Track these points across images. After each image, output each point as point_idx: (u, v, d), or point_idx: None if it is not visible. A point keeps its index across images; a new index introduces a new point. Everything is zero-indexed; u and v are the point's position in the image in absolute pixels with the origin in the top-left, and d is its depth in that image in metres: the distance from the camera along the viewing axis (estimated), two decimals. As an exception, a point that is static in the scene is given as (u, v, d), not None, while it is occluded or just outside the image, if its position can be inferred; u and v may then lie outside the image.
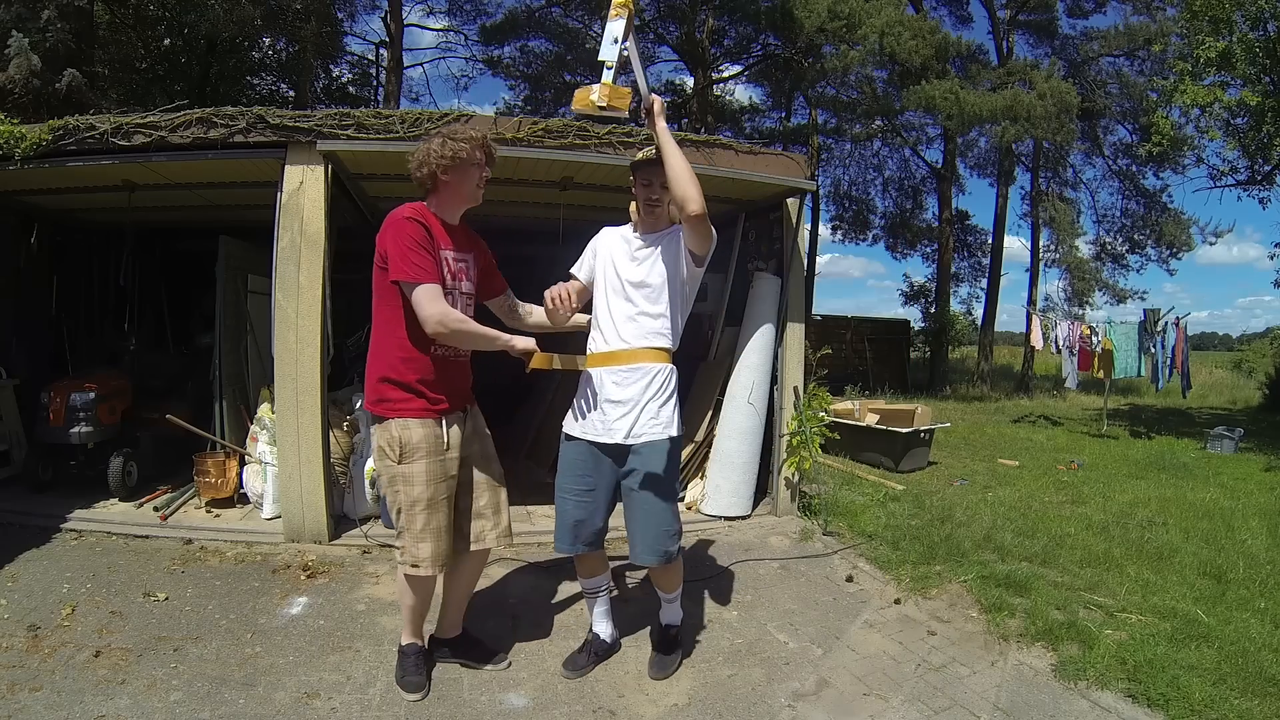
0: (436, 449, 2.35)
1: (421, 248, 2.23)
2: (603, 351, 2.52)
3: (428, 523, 2.35)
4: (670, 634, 2.76)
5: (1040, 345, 10.73)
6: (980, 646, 2.95)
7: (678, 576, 2.70)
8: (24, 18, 7.91)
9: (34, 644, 2.65)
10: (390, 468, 2.34)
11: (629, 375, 2.46)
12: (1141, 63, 15.99)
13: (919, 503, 5.09)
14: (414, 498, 2.33)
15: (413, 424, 2.32)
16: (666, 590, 2.72)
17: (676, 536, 2.55)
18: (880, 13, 13.45)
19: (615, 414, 2.46)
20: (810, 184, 4.75)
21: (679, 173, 2.27)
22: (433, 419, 2.36)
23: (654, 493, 2.47)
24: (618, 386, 2.47)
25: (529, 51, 19.28)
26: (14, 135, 3.81)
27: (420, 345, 2.31)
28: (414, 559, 2.36)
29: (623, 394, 2.46)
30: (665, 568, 2.59)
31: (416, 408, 2.33)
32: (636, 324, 2.48)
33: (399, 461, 2.32)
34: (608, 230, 2.69)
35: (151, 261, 6.36)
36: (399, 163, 4.36)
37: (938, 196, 18.47)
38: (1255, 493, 5.82)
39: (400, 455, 2.31)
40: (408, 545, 2.38)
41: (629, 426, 2.45)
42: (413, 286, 2.22)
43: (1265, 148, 10.03)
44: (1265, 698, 2.45)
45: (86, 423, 4.33)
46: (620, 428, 2.46)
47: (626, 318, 2.49)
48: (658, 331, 2.49)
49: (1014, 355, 21.35)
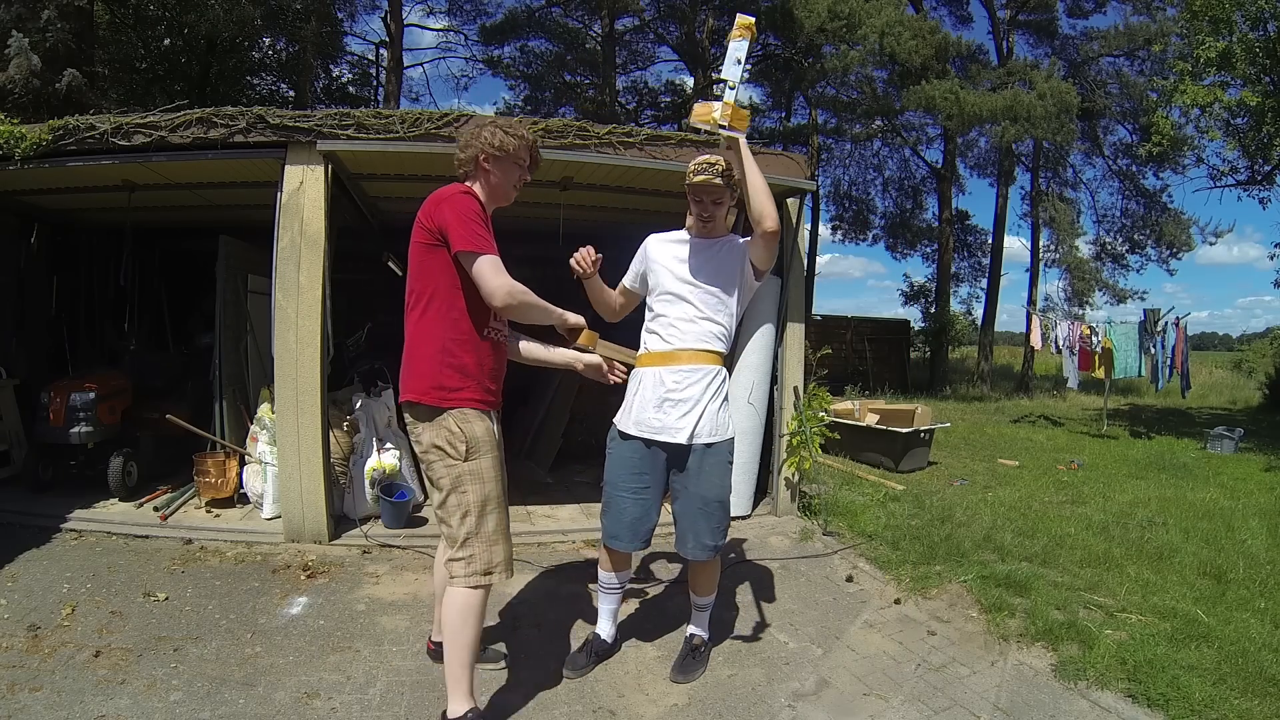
0: (495, 443, 2.23)
1: (482, 220, 2.15)
2: (661, 351, 2.55)
3: (500, 522, 2.19)
4: (695, 644, 2.77)
5: (1040, 345, 10.73)
6: (980, 646, 2.95)
7: (716, 575, 2.76)
8: (24, 18, 7.91)
9: (34, 644, 2.65)
10: (454, 466, 2.14)
11: (689, 376, 2.50)
12: (1141, 63, 16.01)
13: (919, 503, 5.09)
14: (485, 495, 2.16)
15: (471, 415, 2.16)
16: (702, 593, 2.75)
17: (725, 532, 2.65)
18: (880, 13, 13.45)
19: (676, 414, 2.49)
20: (810, 184, 4.75)
21: (758, 190, 2.35)
22: (487, 412, 2.22)
23: (712, 493, 2.53)
24: (678, 387, 2.49)
25: (529, 51, 19.33)
26: (14, 135, 3.81)
27: (477, 326, 2.18)
28: (486, 566, 2.14)
29: (683, 394, 2.49)
30: (708, 565, 2.67)
31: (474, 397, 2.17)
32: (696, 326, 2.53)
33: (465, 458, 2.13)
34: (655, 238, 2.72)
35: (151, 261, 6.37)
36: (399, 163, 4.41)
37: (938, 196, 18.48)
38: (1255, 493, 5.82)
39: (467, 451, 2.13)
40: (477, 552, 2.13)
41: (691, 427, 2.48)
42: (476, 257, 2.08)
43: (1265, 148, 10.04)
44: (1265, 698, 2.45)
45: (86, 423, 4.33)
46: (683, 427, 2.48)
47: (687, 320, 2.53)
48: (715, 335, 2.54)
49: (1014, 355, 21.36)
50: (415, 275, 2.21)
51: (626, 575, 2.79)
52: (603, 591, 2.79)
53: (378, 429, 4.55)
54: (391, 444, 4.51)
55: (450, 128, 3.97)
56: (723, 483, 2.56)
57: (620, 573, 2.74)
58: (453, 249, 2.10)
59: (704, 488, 2.52)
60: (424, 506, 4.64)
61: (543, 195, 5.21)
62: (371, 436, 4.47)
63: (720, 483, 2.55)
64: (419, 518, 4.43)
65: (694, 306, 2.54)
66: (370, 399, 4.65)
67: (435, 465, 2.16)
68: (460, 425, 2.14)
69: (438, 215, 2.12)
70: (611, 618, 2.81)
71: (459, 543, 2.14)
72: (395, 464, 4.36)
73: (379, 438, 4.50)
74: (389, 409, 4.72)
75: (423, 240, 2.17)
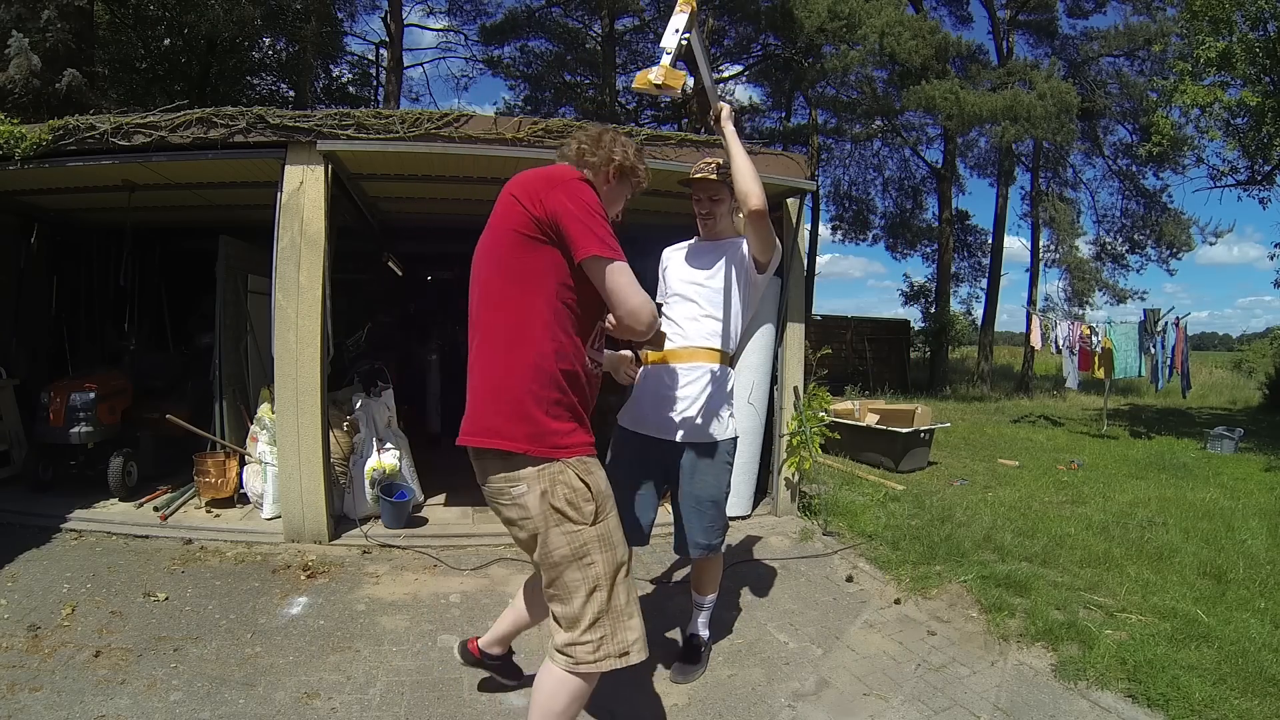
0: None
1: (605, 218, 1.70)
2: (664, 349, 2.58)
3: (631, 591, 1.76)
4: (695, 644, 2.78)
5: (1040, 345, 10.74)
6: (980, 646, 2.95)
7: (718, 574, 2.77)
8: (24, 18, 7.91)
9: (34, 644, 2.65)
10: (579, 532, 1.69)
11: (688, 374, 2.51)
12: (1141, 63, 16.00)
13: (919, 503, 5.09)
14: (617, 563, 1.73)
15: (592, 464, 1.75)
16: (703, 591, 2.76)
17: (722, 531, 2.65)
18: (880, 13, 13.45)
19: (672, 412, 2.50)
20: (810, 184, 4.75)
21: (742, 171, 2.36)
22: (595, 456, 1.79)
23: (705, 492, 2.53)
24: (676, 385, 2.51)
25: (529, 51, 19.35)
26: (14, 135, 3.81)
27: (579, 352, 1.74)
28: (622, 647, 1.70)
29: (680, 392, 2.50)
30: (708, 562, 2.68)
31: (588, 440, 1.75)
32: (698, 324, 2.55)
33: (594, 521, 1.70)
34: (668, 248, 2.80)
35: (151, 261, 6.37)
36: (399, 163, 4.41)
37: (938, 196, 18.48)
38: (1255, 493, 5.82)
39: (596, 511, 1.71)
40: (611, 633, 1.70)
41: (686, 425, 2.50)
42: (609, 264, 1.65)
43: (1265, 148, 10.04)
44: (1265, 698, 2.45)
45: (86, 423, 4.33)
46: (677, 425, 2.50)
47: (689, 318, 2.56)
48: (716, 333, 2.56)
49: (1014, 355, 21.35)
50: (499, 276, 1.70)
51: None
52: None
53: (378, 429, 4.55)
54: (391, 444, 4.51)
55: (450, 128, 3.97)
56: (718, 482, 2.55)
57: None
58: (578, 251, 1.65)
59: (697, 487, 2.52)
60: (424, 506, 4.65)
61: (543, 195, 5.21)
62: (371, 436, 4.47)
63: (715, 482, 2.54)
64: (419, 518, 4.43)
65: (696, 305, 2.56)
66: (370, 399, 4.64)
67: (551, 533, 1.68)
68: (584, 478, 1.70)
69: (551, 202, 1.65)
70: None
71: (585, 624, 1.69)
72: (395, 464, 4.36)
73: (379, 438, 4.50)
74: (389, 409, 4.72)
75: (520, 229, 1.67)
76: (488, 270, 1.74)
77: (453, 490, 5.07)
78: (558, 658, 1.71)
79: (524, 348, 1.67)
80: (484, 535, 4.17)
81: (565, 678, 1.70)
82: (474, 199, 5.48)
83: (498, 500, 1.75)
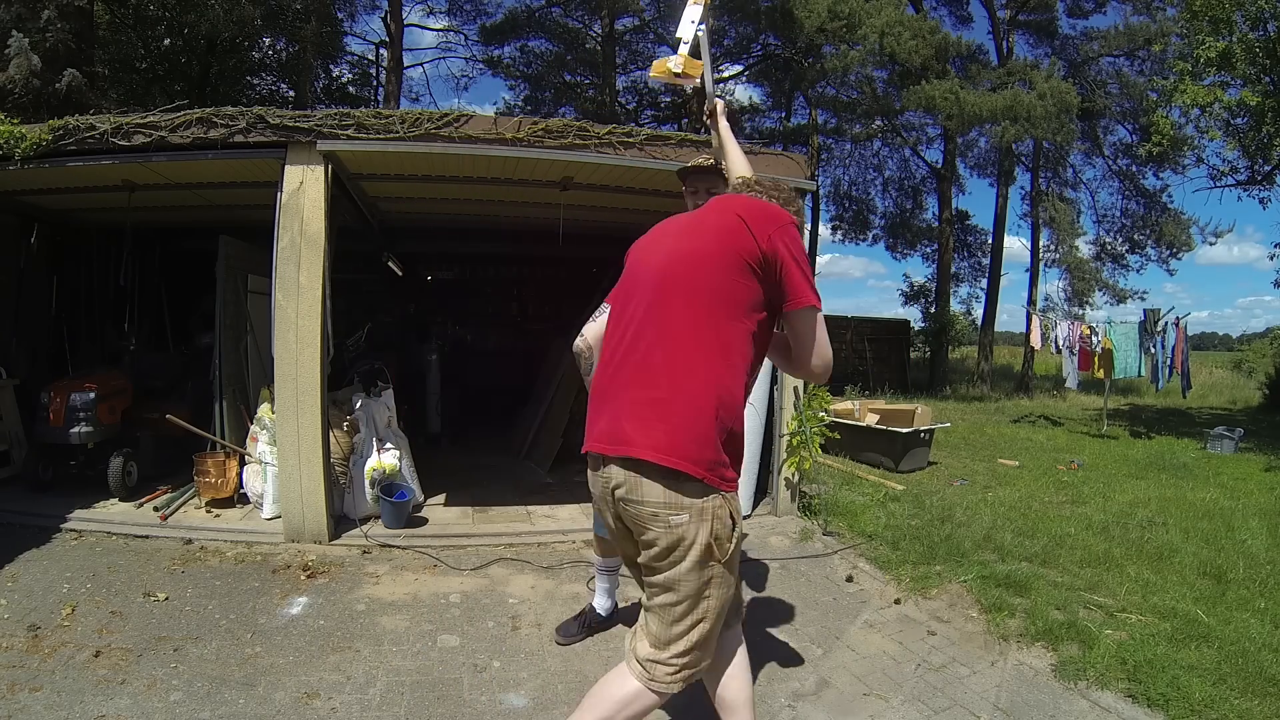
0: None
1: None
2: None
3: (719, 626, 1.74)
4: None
5: (1040, 345, 10.73)
6: (980, 646, 2.95)
7: None
8: (24, 18, 7.91)
9: (34, 644, 2.65)
10: (711, 569, 1.62)
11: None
12: (1141, 63, 16.00)
13: (919, 503, 5.09)
14: (727, 601, 1.70)
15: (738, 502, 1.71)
16: None
17: None
18: (880, 13, 13.45)
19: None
20: (810, 184, 4.76)
21: (737, 163, 2.37)
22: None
23: None
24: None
25: (529, 51, 19.34)
26: (14, 135, 3.81)
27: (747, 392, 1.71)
28: (695, 671, 1.71)
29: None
30: None
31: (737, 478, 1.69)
32: None
33: (727, 559, 1.65)
34: None
35: (151, 261, 6.37)
36: (399, 163, 4.41)
37: (938, 196, 18.47)
38: (1255, 493, 5.82)
39: (732, 551, 1.66)
40: (693, 661, 1.68)
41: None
42: (818, 314, 1.66)
43: (1265, 148, 10.04)
44: (1265, 698, 2.45)
45: (86, 423, 4.33)
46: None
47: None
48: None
49: (1014, 355, 21.35)
50: (709, 294, 1.62)
51: (619, 559, 2.88)
52: (599, 571, 2.96)
53: (378, 429, 4.55)
54: (391, 444, 4.51)
55: (450, 128, 3.97)
56: None
57: (613, 557, 2.86)
58: (796, 299, 1.64)
59: None
60: (424, 506, 4.65)
61: (543, 195, 5.22)
62: (371, 436, 4.47)
63: None
64: (419, 518, 4.43)
65: None
66: (370, 399, 4.65)
67: (688, 563, 1.60)
68: (735, 516, 1.64)
69: (778, 243, 1.62)
70: (607, 594, 2.96)
71: (676, 650, 1.66)
72: (395, 464, 4.36)
73: (379, 438, 4.50)
74: (389, 409, 4.72)
75: (745, 257, 1.61)
76: (693, 282, 1.63)
77: (453, 490, 5.07)
78: (635, 667, 1.69)
79: (720, 374, 1.59)
80: (484, 535, 4.18)
81: (642, 691, 1.68)
82: (474, 199, 5.49)
83: (648, 521, 1.60)
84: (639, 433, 1.58)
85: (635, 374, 1.63)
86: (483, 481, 5.47)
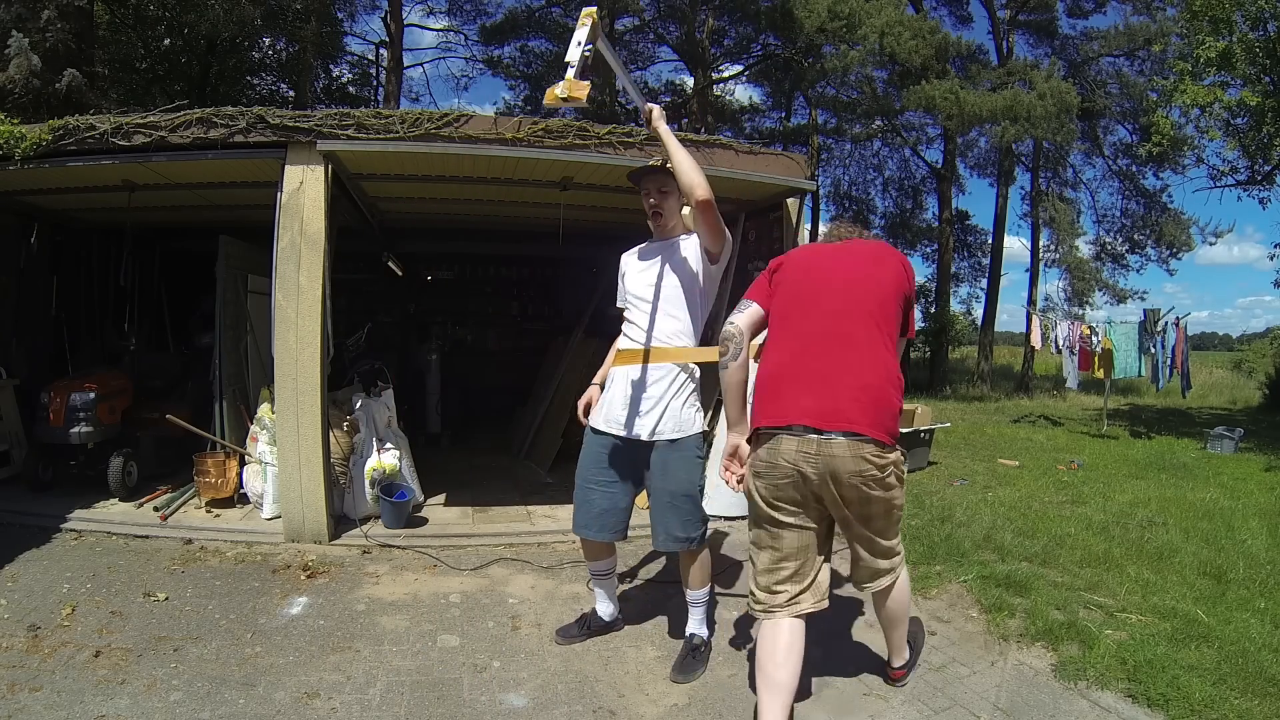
0: None
1: None
2: (629, 350, 2.66)
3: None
4: (694, 643, 2.78)
5: (1040, 345, 10.73)
6: (980, 646, 2.95)
7: (707, 568, 2.79)
8: (24, 18, 7.91)
9: (34, 644, 2.65)
10: (901, 492, 2.25)
11: (653, 373, 2.58)
12: (1141, 63, 15.99)
13: (919, 503, 5.08)
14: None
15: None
16: (693, 586, 2.78)
17: (699, 524, 2.69)
18: (880, 13, 13.45)
19: (639, 411, 2.58)
20: (810, 184, 4.76)
21: (683, 164, 2.38)
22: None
23: (679, 487, 2.61)
24: (641, 384, 2.58)
25: (529, 51, 19.31)
26: (14, 135, 3.81)
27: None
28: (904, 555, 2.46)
29: (647, 391, 2.58)
30: (693, 557, 2.72)
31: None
32: (659, 324, 2.61)
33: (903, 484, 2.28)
34: (626, 253, 2.87)
35: (151, 261, 6.37)
36: (399, 163, 4.41)
37: (938, 196, 18.46)
38: (1255, 493, 5.81)
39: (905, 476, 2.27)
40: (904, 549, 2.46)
41: (653, 423, 2.57)
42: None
43: (1265, 148, 10.03)
44: (1265, 698, 2.45)
45: (86, 423, 4.33)
46: (645, 425, 2.58)
47: (648, 318, 2.62)
48: (678, 332, 2.62)
49: (1014, 355, 21.33)
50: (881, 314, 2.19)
51: (609, 562, 2.89)
52: (594, 577, 2.95)
53: (378, 429, 4.55)
54: (391, 444, 4.51)
55: (450, 128, 3.97)
56: (690, 477, 2.63)
57: (600, 560, 2.85)
58: (911, 329, 2.36)
59: (670, 482, 2.61)
60: (424, 506, 4.65)
61: (543, 195, 5.22)
62: (371, 436, 4.47)
63: (687, 477, 2.62)
64: (419, 518, 4.43)
65: (654, 305, 2.63)
66: (370, 399, 4.65)
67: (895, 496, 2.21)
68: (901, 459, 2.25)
69: (912, 289, 2.33)
70: (607, 599, 2.94)
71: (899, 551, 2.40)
72: (395, 464, 4.36)
73: (379, 438, 4.50)
74: (389, 409, 4.72)
75: (903, 292, 2.27)
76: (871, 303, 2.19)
77: (452, 490, 5.07)
78: (887, 577, 2.37)
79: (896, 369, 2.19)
80: (484, 535, 4.18)
81: (903, 582, 2.42)
82: (474, 199, 5.49)
83: (869, 481, 2.11)
84: (859, 412, 2.08)
85: (839, 364, 2.13)
86: (483, 481, 5.47)
